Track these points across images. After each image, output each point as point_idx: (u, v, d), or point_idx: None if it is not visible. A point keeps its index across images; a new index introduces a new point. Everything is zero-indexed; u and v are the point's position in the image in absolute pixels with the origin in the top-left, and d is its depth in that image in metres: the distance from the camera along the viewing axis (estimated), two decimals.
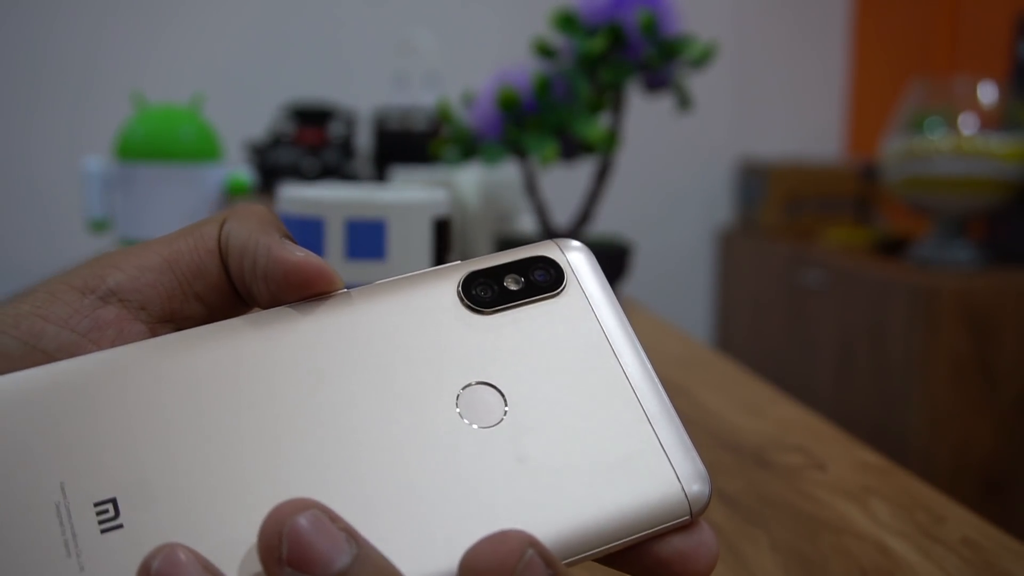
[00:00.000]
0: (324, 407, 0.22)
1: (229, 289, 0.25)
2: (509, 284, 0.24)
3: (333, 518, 0.19)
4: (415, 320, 0.23)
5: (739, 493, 0.40)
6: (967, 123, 1.57)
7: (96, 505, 0.20)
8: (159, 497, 0.20)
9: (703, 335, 2.38)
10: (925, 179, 1.57)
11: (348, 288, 0.24)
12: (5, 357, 0.22)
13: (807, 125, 2.39)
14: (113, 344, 0.23)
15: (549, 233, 0.86)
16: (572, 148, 0.83)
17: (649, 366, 0.24)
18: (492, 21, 2.20)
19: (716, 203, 2.36)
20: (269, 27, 2.14)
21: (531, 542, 0.19)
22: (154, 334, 0.24)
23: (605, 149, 0.81)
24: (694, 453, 0.23)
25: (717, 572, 0.33)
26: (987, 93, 1.59)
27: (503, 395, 0.22)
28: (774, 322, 2.02)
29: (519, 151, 0.81)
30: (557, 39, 0.85)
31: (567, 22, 0.82)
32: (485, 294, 0.24)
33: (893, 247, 1.78)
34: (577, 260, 0.25)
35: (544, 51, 0.83)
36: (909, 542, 0.36)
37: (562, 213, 2.30)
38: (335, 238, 0.45)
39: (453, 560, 0.20)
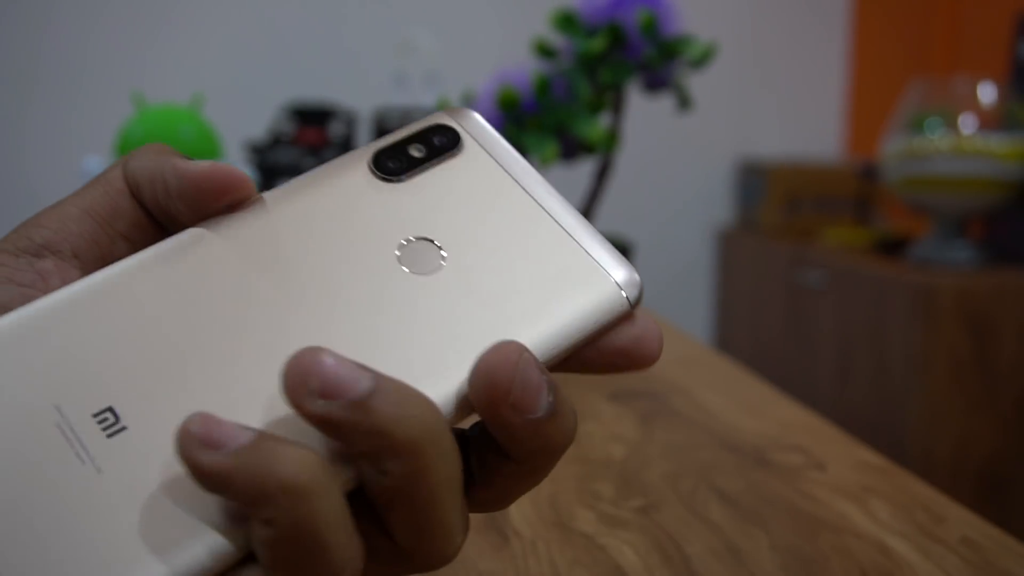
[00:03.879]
0: (287, 288, 0.23)
1: (148, 223, 0.26)
2: (413, 152, 0.26)
3: (342, 359, 0.21)
4: (337, 200, 0.25)
5: (739, 493, 0.40)
6: (967, 123, 1.57)
7: (95, 416, 0.21)
8: (154, 394, 0.21)
9: (703, 335, 2.39)
10: (925, 179, 1.57)
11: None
12: None
13: (807, 125, 2.39)
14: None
15: None
16: (572, 148, 0.83)
17: (559, 195, 0.26)
18: (492, 21, 2.19)
19: (716, 203, 2.36)
20: (269, 27, 2.14)
21: (522, 347, 0.22)
22: None
23: (605, 149, 0.81)
24: (619, 255, 0.25)
25: (717, 571, 0.33)
26: (987, 93, 1.59)
27: (436, 245, 0.25)
28: (774, 322, 2.02)
29: (519, 151, 0.81)
30: (557, 39, 0.85)
31: (567, 22, 0.82)
32: (394, 164, 0.26)
33: (893, 247, 1.78)
34: (468, 120, 0.27)
35: (544, 51, 0.83)
36: (909, 542, 0.36)
37: None
38: None
39: (457, 378, 0.22)
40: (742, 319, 2.20)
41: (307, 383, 0.20)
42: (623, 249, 0.83)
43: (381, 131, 1.53)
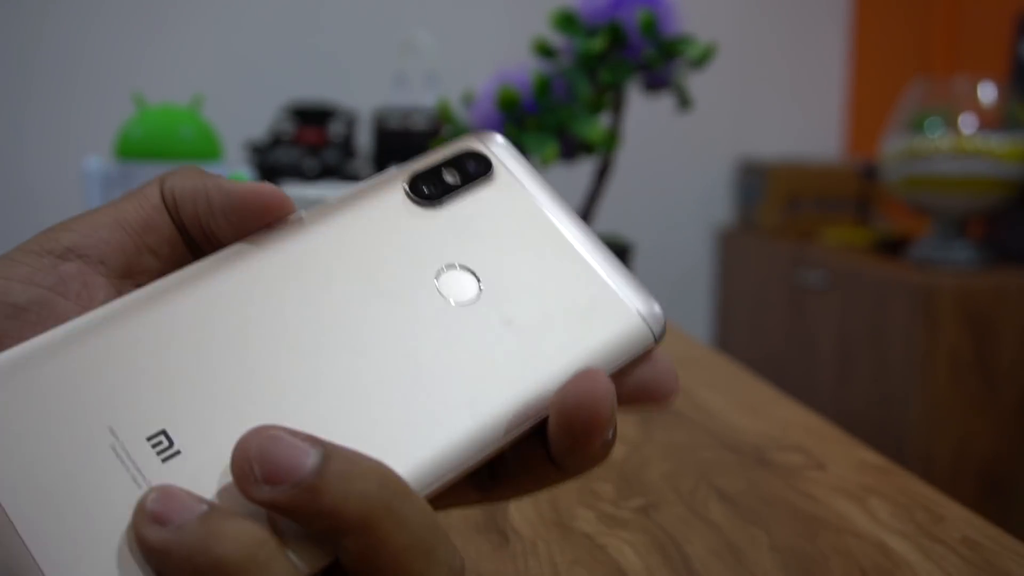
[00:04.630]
0: (324, 312, 0.24)
1: (179, 240, 0.26)
2: (447, 177, 0.27)
3: (293, 433, 0.20)
4: (376, 224, 0.26)
5: (739, 493, 0.40)
6: (967, 123, 1.57)
7: (149, 439, 0.21)
8: (206, 417, 0.22)
9: (703, 335, 2.39)
10: (925, 179, 1.57)
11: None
12: None
13: (807, 125, 2.39)
14: (79, 295, 0.24)
15: None
16: (572, 148, 0.83)
17: (586, 227, 0.27)
18: (492, 21, 2.19)
19: (716, 203, 2.37)
20: (269, 27, 2.14)
21: (604, 381, 0.23)
22: (116, 289, 0.25)
23: (605, 149, 0.81)
24: (644, 291, 0.26)
25: (717, 571, 0.33)
26: (987, 93, 1.59)
27: (473, 273, 0.25)
28: (774, 322, 2.02)
29: (519, 151, 0.81)
30: (557, 39, 0.85)
31: (567, 22, 0.82)
32: (429, 190, 0.26)
33: (893, 247, 1.78)
34: (498, 147, 0.28)
35: (544, 51, 0.83)
36: (909, 541, 0.36)
37: None
38: None
39: (500, 403, 0.23)
40: (742, 319, 2.20)
41: (251, 469, 0.20)
42: (623, 249, 0.83)
43: (381, 131, 1.53)
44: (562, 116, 0.79)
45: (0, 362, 0.22)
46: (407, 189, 0.26)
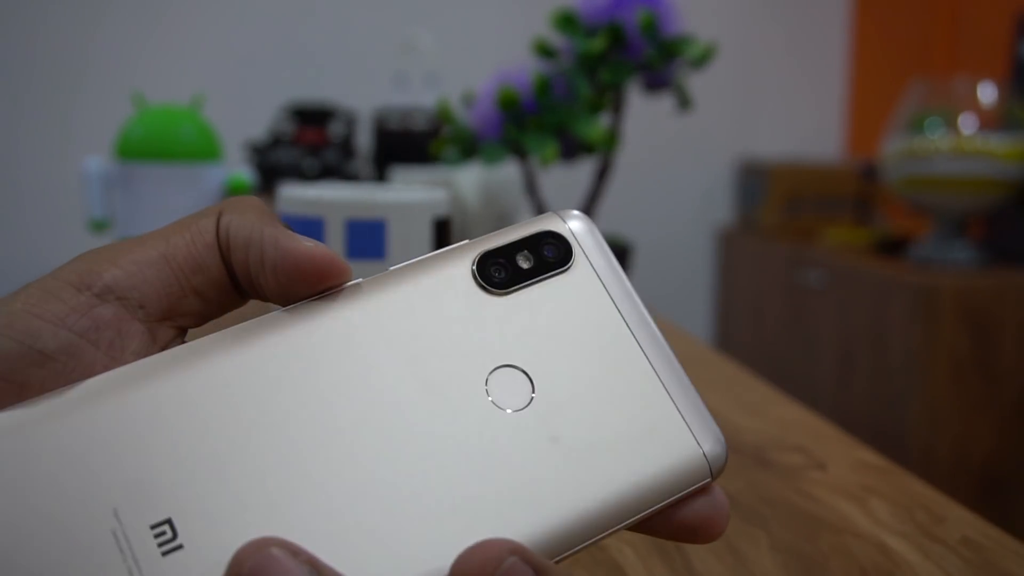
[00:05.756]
0: (358, 405, 0.22)
1: (228, 283, 0.24)
2: (520, 262, 0.24)
3: (295, 552, 0.19)
4: (433, 307, 0.23)
5: (739, 493, 0.40)
6: (967, 123, 1.57)
7: (153, 528, 0.20)
8: (214, 512, 0.20)
9: (703, 335, 2.38)
10: (925, 179, 1.57)
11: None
12: (1, 358, 0.21)
13: (807, 125, 2.39)
14: (111, 345, 0.22)
15: None
16: (572, 148, 0.83)
17: (660, 335, 0.24)
18: (492, 21, 2.19)
19: (716, 203, 2.36)
20: (269, 27, 2.14)
21: (513, 549, 0.20)
22: (152, 334, 0.23)
23: (605, 149, 0.81)
24: (709, 418, 0.24)
25: (717, 571, 0.33)
26: (987, 93, 1.59)
27: (528, 376, 0.23)
28: (774, 322, 2.02)
29: (519, 151, 0.81)
30: (557, 39, 0.85)
31: (567, 22, 0.82)
32: (499, 275, 0.24)
33: (893, 247, 1.78)
34: (581, 232, 0.25)
35: (544, 51, 0.83)
36: (909, 542, 0.36)
37: None
38: (335, 238, 0.45)
39: (525, 529, 0.21)
40: (742, 319, 2.20)
41: None
42: (623, 249, 0.83)
43: (381, 131, 1.53)
44: (562, 116, 0.79)
45: (10, 419, 0.20)
46: (475, 271, 0.24)
